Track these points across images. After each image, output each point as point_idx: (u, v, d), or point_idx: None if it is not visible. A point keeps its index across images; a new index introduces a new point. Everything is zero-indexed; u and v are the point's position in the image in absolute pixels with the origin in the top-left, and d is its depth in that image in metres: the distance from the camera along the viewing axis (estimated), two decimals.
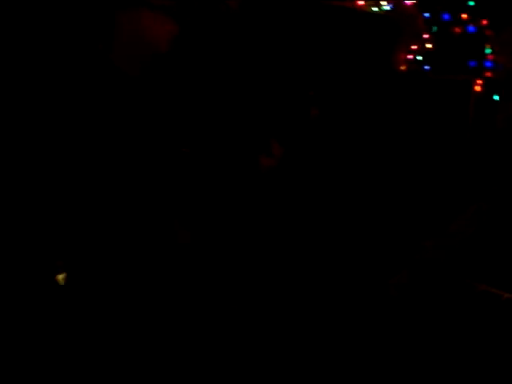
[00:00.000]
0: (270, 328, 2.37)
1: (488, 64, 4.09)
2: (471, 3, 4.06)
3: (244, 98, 2.88)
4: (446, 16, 4.09)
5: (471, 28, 4.07)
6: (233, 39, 3.29)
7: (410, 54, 4.13)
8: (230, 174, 2.39)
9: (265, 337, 2.33)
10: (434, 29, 4.10)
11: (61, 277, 1.84)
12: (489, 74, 4.08)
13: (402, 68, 4.16)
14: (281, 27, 3.75)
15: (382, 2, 4.03)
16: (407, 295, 2.41)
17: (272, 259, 2.58)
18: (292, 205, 2.84)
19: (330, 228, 3.07)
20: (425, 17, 4.09)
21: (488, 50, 4.09)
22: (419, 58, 4.12)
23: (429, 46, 4.09)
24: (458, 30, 4.08)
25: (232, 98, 2.81)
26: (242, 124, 2.71)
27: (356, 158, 3.70)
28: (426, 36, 4.09)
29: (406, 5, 4.05)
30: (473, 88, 4.07)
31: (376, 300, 2.44)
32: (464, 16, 4.06)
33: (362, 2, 3.99)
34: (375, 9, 4.04)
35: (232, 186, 2.39)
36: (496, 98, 4.08)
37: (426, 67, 4.11)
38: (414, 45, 4.12)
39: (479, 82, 4.07)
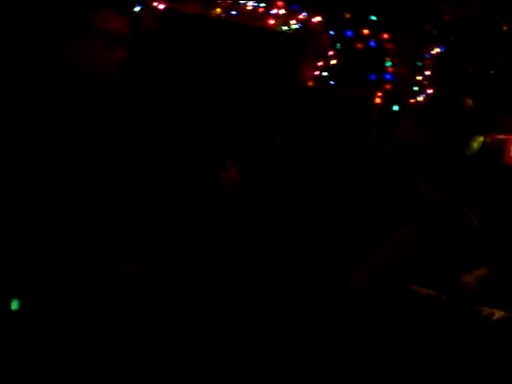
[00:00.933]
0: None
1: (388, 77, 4.32)
2: (373, 18, 4.17)
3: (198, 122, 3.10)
4: (349, 33, 4.16)
5: (372, 43, 4.21)
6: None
7: (316, 71, 4.17)
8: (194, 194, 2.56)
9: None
10: (338, 46, 4.16)
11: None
12: (388, 87, 4.32)
13: (310, 84, 4.19)
14: (197, 48, 3.62)
15: (291, 22, 3.94)
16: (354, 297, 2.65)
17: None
18: (248, 218, 3.08)
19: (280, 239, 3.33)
20: (329, 34, 4.11)
21: (388, 63, 4.30)
22: (325, 73, 4.18)
23: (333, 62, 4.16)
24: (360, 45, 4.20)
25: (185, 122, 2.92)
26: (202, 148, 2.85)
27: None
28: (330, 53, 4.14)
29: (312, 23, 4.01)
30: (374, 100, 4.30)
31: (330, 300, 2.68)
32: (366, 32, 4.17)
33: (272, 22, 3.86)
34: (285, 28, 3.95)
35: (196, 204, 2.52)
36: (395, 108, 4.37)
37: (332, 82, 4.20)
38: (320, 61, 4.15)
39: (379, 94, 4.31)
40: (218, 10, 3.61)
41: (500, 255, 2.57)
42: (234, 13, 3.66)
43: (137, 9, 3.18)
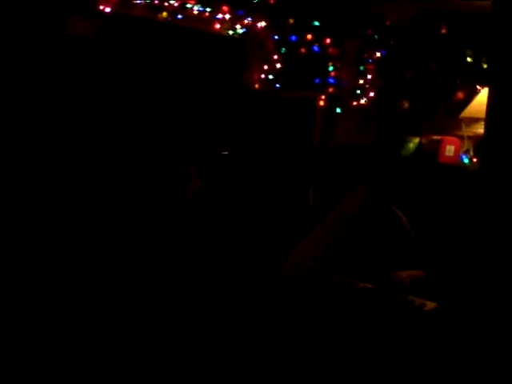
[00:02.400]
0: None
1: (331, 80, 4.47)
2: (316, 23, 4.30)
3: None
4: (293, 37, 4.28)
5: (316, 47, 4.35)
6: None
7: (262, 74, 4.28)
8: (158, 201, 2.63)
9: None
10: (283, 50, 4.28)
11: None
12: (331, 90, 4.47)
13: (256, 86, 4.30)
14: (143, 51, 3.65)
15: (236, 26, 4.04)
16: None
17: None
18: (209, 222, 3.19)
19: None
20: (274, 39, 4.23)
21: (331, 68, 4.45)
22: (270, 77, 4.29)
23: (278, 65, 4.27)
24: (303, 50, 4.33)
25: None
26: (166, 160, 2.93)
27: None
28: (275, 57, 4.26)
29: (257, 28, 4.11)
30: (318, 103, 4.44)
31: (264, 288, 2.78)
32: (309, 37, 4.31)
33: (218, 26, 3.95)
34: (231, 32, 4.04)
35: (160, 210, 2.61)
36: (338, 110, 4.53)
37: (277, 85, 4.31)
38: (265, 65, 4.26)
39: (322, 97, 4.45)
40: (165, 14, 3.67)
41: (433, 257, 2.71)
42: (180, 17, 3.72)
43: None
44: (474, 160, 3.71)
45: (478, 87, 3.90)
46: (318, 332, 2.44)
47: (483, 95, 3.66)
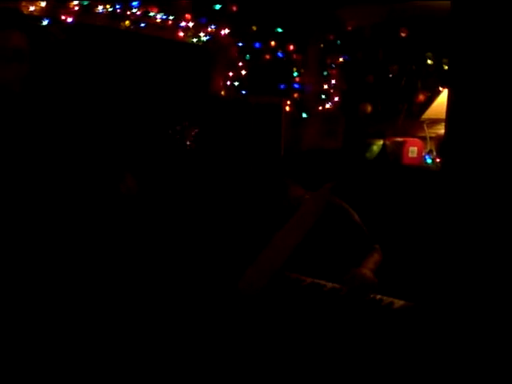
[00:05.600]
0: None
1: (296, 86, 4.51)
2: (279, 30, 4.35)
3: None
4: (257, 44, 4.32)
5: (280, 54, 4.39)
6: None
7: (227, 80, 4.30)
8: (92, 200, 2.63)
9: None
10: (247, 57, 4.31)
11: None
12: (296, 95, 4.52)
13: (222, 93, 4.32)
14: (106, 59, 3.66)
15: (200, 34, 4.05)
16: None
17: None
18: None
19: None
20: (238, 46, 4.26)
21: (295, 73, 4.50)
22: (236, 83, 4.31)
23: (243, 72, 4.30)
24: (267, 56, 4.37)
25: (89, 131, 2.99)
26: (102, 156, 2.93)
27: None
28: (240, 63, 4.29)
29: (221, 35, 4.14)
30: (283, 108, 4.48)
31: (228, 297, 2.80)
32: (273, 43, 4.35)
33: (181, 34, 3.96)
34: (194, 40, 4.05)
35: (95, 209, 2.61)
36: (304, 115, 4.57)
37: (243, 91, 4.34)
38: (231, 72, 4.28)
39: (288, 102, 4.49)
40: (127, 23, 3.66)
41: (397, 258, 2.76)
42: (143, 25, 3.72)
43: (44, 23, 3.22)
44: (437, 160, 3.79)
45: (440, 88, 3.99)
46: (284, 336, 2.46)
47: (444, 97, 3.74)
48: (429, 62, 4.08)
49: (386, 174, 3.72)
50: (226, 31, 4.15)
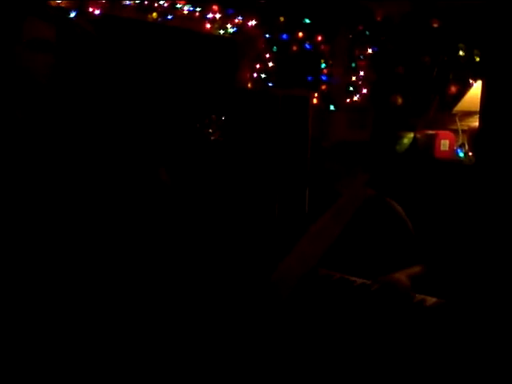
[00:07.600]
0: None
1: (324, 78, 4.45)
2: (307, 21, 4.28)
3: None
4: (285, 36, 4.26)
5: (307, 45, 4.33)
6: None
7: (254, 73, 4.25)
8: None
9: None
10: (274, 48, 4.25)
11: None
12: (324, 87, 4.45)
13: (249, 86, 4.27)
14: (134, 51, 3.64)
15: (227, 25, 4.01)
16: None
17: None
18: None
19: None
20: (265, 37, 4.20)
21: (323, 65, 4.43)
22: (263, 75, 4.26)
23: (271, 64, 4.25)
24: (295, 48, 4.31)
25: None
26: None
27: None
28: (267, 55, 4.23)
29: (248, 27, 4.09)
30: (311, 101, 4.42)
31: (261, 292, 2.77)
32: (300, 34, 4.29)
33: (208, 26, 3.92)
34: (221, 31, 4.01)
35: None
36: (332, 108, 4.51)
37: (270, 84, 4.29)
38: (258, 64, 4.24)
39: (315, 95, 4.43)
40: (155, 15, 3.64)
41: (433, 254, 2.69)
42: (170, 17, 3.69)
43: (72, 14, 3.21)
44: (470, 154, 3.70)
45: (470, 81, 3.89)
46: (316, 332, 2.43)
47: (476, 89, 3.65)
48: (461, 53, 3.98)
49: (417, 168, 3.65)
50: (253, 22, 4.09)
